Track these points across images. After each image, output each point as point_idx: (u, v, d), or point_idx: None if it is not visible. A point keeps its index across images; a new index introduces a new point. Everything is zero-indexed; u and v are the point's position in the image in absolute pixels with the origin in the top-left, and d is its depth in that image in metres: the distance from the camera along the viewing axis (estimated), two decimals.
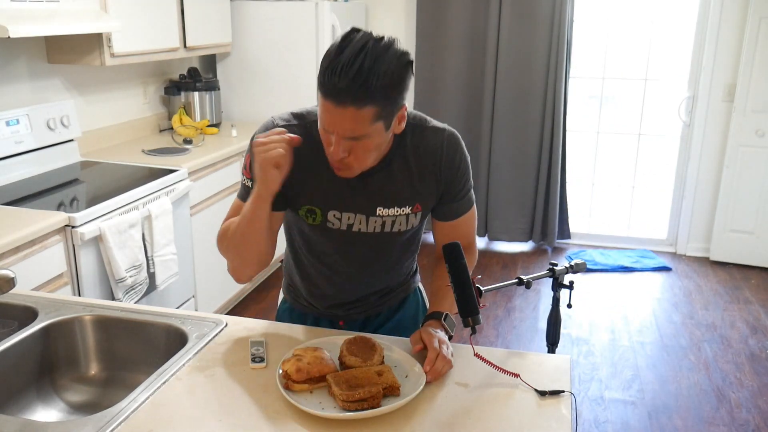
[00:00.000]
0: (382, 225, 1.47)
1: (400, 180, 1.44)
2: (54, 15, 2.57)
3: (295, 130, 1.39)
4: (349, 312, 1.64)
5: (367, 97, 1.20)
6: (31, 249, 2.22)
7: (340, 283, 1.58)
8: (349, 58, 1.19)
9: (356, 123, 1.24)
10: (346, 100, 1.20)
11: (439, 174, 1.45)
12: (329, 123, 1.26)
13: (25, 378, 1.47)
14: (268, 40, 4.15)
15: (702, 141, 4.61)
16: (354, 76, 1.18)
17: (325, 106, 1.24)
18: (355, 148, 1.29)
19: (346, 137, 1.27)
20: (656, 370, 3.29)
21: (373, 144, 1.30)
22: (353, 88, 1.19)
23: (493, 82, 4.65)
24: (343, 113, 1.22)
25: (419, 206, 1.47)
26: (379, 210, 1.45)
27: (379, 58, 1.20)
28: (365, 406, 1.20)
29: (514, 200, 4.86)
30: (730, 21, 4.36)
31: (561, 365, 1.40)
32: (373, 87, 1.19)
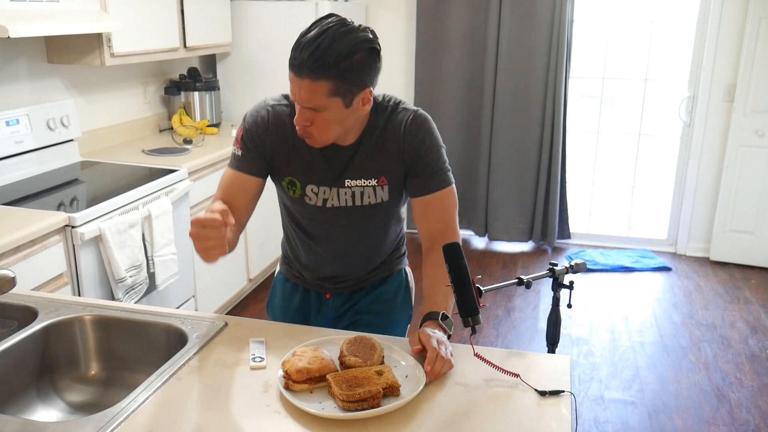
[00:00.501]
0: (353, 196, 1.58)
1: (367, 154, 1.56)
2: (54, 15, 2.57)
3: (282, 108, 1.58)
4: (335, 285, 1.75)
5: (320, 71, 1.36)
6: (31, 249, 2.22)
7: (323, 256, 1.70)
8: (312, 36, 1.37)
9: (311, 94, 1.39)
10: (303, 72, 1.37)
11: (401, 147, 1.55)
12: (291, 92, 1.44)
13: (25, 378, 1.47)
14: (268, 40, 4.15)
15: (702, 141, 4.61)
16: (312, 52, 1.35)
17: (290, 77, 1.42)
18: (315, 119, 1.44)
19: (305, 107, 1.42)
20: (656, 370, 3.29)
21: (332, 117, 1.44)
22: (309, 62, 1.36)
23: (493, 82, 4.65)
24: (301, 84, 1.39)
25: (384, 179, 1.58)
26: (348, 182, 1.57)
27: (338, 39, 1.37)
28: (365, 406, 1.20)
29: (514, 200, 4.86)
30: (730, 21, 4.36)
31: (561, 365, 1.40)
32: (327, 64, 1.35)
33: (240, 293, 3.84)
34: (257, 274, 3.99)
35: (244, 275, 3.84)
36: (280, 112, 1.58)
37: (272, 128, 1.57)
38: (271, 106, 1.59)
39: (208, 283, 3.39)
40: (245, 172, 1.58)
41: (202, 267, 3.32)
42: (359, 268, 1.73)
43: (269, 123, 1.57)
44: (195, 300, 3.26)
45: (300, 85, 1.39)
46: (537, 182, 4.81)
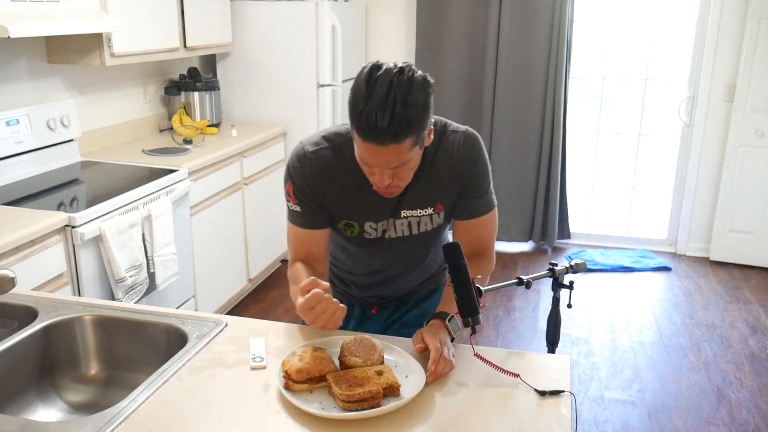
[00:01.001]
0: (409, 226, 1.57)
1: (423, 183, 1.52)
2: (54, 15, 2.57)
3: (325, 152, 1.50)
4: (382, 301, 1.76)
5: (404, 132, 1.30)
6: (31, 249, 2.22)
7: (375, 279, 1.69)
8: (381, 99, 1.27)
9: (398, 155, 1.33)
10: (386, 139, 1.29)
11: (455, 171, 1.53)
12: (372, 161, 1.36)
13: (25, 378, 1.47)
14: (268, 40, 4.15)
15: (702, 141, 4.61)
16: (391, 117, 1.27)
17: (366, 147, 1.33)
18: (398, 173, 1.39)
19: (389, 168, 1.37)
20: (656, 370, 3.29)
21: (414, 163, 1.41)
22: (392, 128, 1.28)
23: (493, 82, 4.65)
24: (386, 151, 1.32)
25: (441, 206, 1.56)
26: (404, 212, 1.55)
27: (408, 92, 1.29)
28: (365, 406, 1.20)
29: (514, 200, 4.86)
30: (730, 21, 4.36)
31: (561, 365, 1.40)
32: (408, 122, 1.29)
33: (240, 293, 3.84)
34: (257, 274, 3.99)
35: (244, 275, 3.84)
36: (323, 157, 1.51)
37: (321, 176, 1.51)
38: (312, 153, 1.51)
39: (208, 283, 3.39)
40: (312, 227, 1.55)
41: (202, 267, 3.32)
42: (410, 285, 1.74)
43: (316, 171, 1.51)
44: (195, 300, 3.26)
45: (385, 152, 1.32)
46: (537, 182, 4.81)
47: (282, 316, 3.74)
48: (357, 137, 1.34)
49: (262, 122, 4.23)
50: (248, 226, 3.80)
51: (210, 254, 3.41)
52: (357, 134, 1.33)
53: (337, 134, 1.53)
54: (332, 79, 4.16)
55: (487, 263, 1.64)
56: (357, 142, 1.36)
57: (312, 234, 1.55)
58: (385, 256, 1.64)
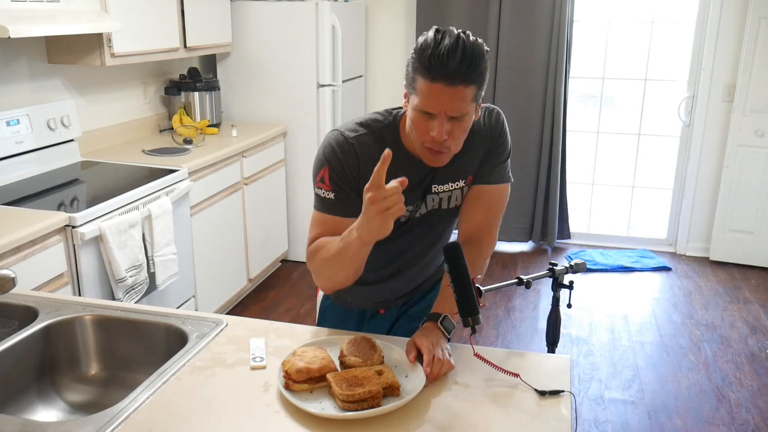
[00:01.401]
0: (440, 202, 1.57)
1: (455, 163, 1.52)
2: (54, 15, 2.57)
3: (365, 138, 1.50)
4: (391, 297, 1.73)
5: (473, 75, 1.33)
6: (32, 249, 2.22)
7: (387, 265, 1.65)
8: (451, 43, 1.31)
9: (463, 101, 1.34)
10: (456, 79, 1.31)
11: (481, 140, 1.55)
12: (437, 104, 1.34)
13: (25, 378, 1.47)
14: (268, 40, 4.15)
15: (702, 141, 4.61)
16: (461, 58, 1.30)
17: (433, 89, 1.33)
18: (454, 129, 1.38)
19: (451, 116, 1.36)
20: (656, 370, 3.29)
21: (468, 124, 1.41)
22: (463, 68, 1.31)
23: (493, 82, 4.65)
24: (454, 92, 1.32)
25: (470, 177, 1.58)
26: (435, 187, 1.55)
27: (475, 43, 1.34)
28: (365, 406, 1.20)
29: (514, 200, 4.86)
30: (730, 21, 4.36)
31: (561, 365, 1.40)
32: (477, 66, 1.33)
33: (240, 293, 3.84)
34: (257, 274, 3.99)
35: (244, 275, 3.84)
36: (365, 143, 1.49)
37: (363, 161, 1.47)
38: (354, 138, 1.48)
39: (208, 283, 3.40)
40: (346, 215, 1.47)
41: (202, 267, 3.32)
42: (420, 275, 1.72)
43: (359, 157, 1.47)
44: (195, 300, 3.26)
45: (452, 94, 1.32)
46: (537, 182, 4.81)
47: (282, 316, 3.75)
48: (423, 81, 1.33)
49: (262, 122, 4.23)
50: (248, 226, 3.80)
51: (210, 254, 3.41)
52: (424, 77, 1.33)
53: (374, 120, 1.52)
54: (332, 79, 4.16)
55: (487, 247, 1.62)
56: (421, 88, 1.34)
57: (344, 222, 1.46)
58: (409, 236, 1.60)
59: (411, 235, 1.61)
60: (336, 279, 1.48)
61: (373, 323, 1.77)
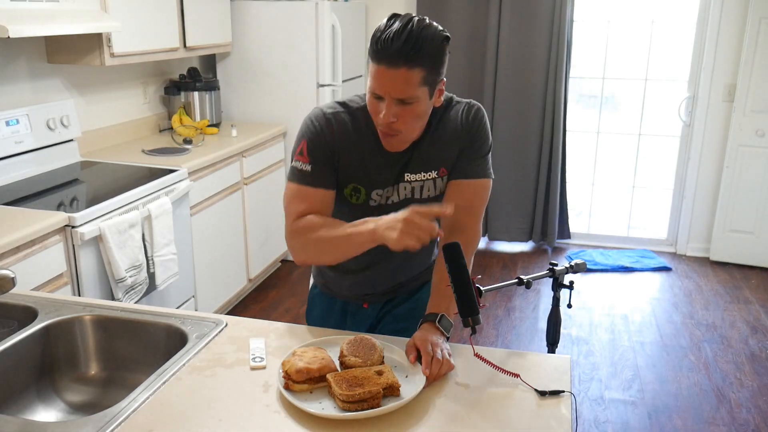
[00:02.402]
0: (412, 191, 1.57)
1: (426, 147, 1.55)
2: (54, 15, 2.57)
3: (342, 116, 1.53)
4: (375, 294, 1.73)
5: (417, 58, 1.34)
6: (31, 249, 2.22)
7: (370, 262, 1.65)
8: (399, 26, 1.36)
9: (407, 84, 1.36)
10: (399, 61, 1.34)
11: (458, 133, 1.56)
12: (381, 86, 1.38)
13: (25, 378, 1.47)
14: (268, 40, 4.15)
15: (702, 141, 4.61)
16: (405, 39, 1.33)
17: (378, 71, 1.37)
18: (403, 113, 1.41)
19: (397, 98, 1.38)
20: (656, 370, 3.29)
21: (420, 109, 1.42)
22: (405, 49, 1.33)
23: (493, 82, 4.65)
24: (396, 74, 1.35)
25: (444, 170, 1.58)
26: (407, 176, 1.56)
27: (425, 27, 1.37)
28: (365, 406, 1.20)
29: (514, 200, 4.86)
30: (730, 21, 4.36)
31: (561, 365, 1.40)
32: (422, 49, 1.34)
33: (240, 293, 3.84)
34: (257, 274, 3.99)
35: (244, 275, 3.84)
36: (342, 120, 1.52)
37: (339, 136, 1.51)
38: (332, 114, 1.53)
39: (208, 283, 3.39)
40: (321, 186, 1.50)
41: (202, 267, 3.32)
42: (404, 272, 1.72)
43: (335, 131, 1.51)
44: (195, 300, 3.26)
45: (395, 76, 1.35)
46: (537, 182, 4.81)
47: (282, 316, 3.74)
48: (372, 64, 1.38)
49: (262, 122, 4.22)
50: (248, 226, 3.80)
51: (210, 254, 3.41)
52: (372, 59, 1.38)
53: (351, 101, 1.57)
54: (332, 79, 4.16)
55: (472, 239, 1.61)
56: (371, 70, 1.39)
57: (320, 193, 1.50)
58: None
59: None
60: (323, 258, 1.54)
61: (357, 318, 1.77)
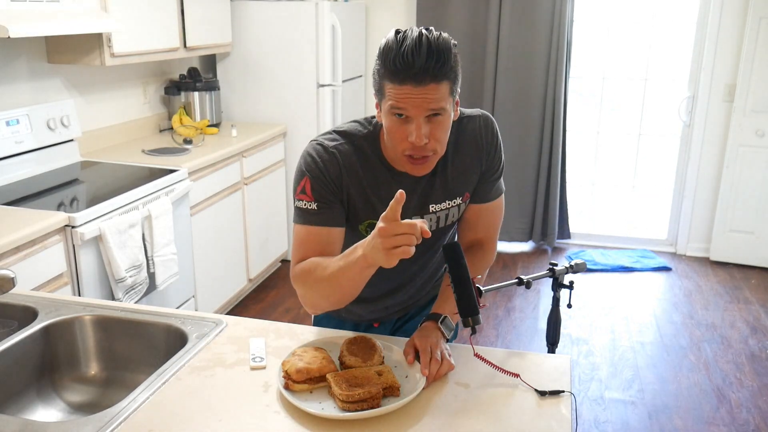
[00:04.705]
0: (437, 221, 1.52)
1: (449, 177, 1.49)
2: (54, 15, 2.57)
3: (346, 147, 1.44)
4: (386, 313, 1.70)
5: (443, 71, 1.28)
6: (31, 249, 2.22)
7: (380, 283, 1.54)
8: (415, 41, 1.26)
9: (437, 99, 1.29)
10: (425, 77, 1.26)
11: (480, 155, 1.51)
12: (410, 107, 1.29)
13: (25, 378, 1.47)
14: (268, 40, 4.15)
15: (702, 141, 4.61)
16: (428, 54, 1.26)
17: (403, 91, 1.28)
18: (433, 130, 1.32)
19: (427, 115, 1.30)
20: (656, 370, 3.29)
21: (448, 123, 1.35)
22: (430, 65, 1.26)
23: (493, 82, 4.65)
24: (425, 91, 1.27)
25: (468, 194, 1.54)
26: (432, 207, 1.50)
27: (439, 38, 1.29)
28: (365, 406, 1.20)
29: (514, 200, 4.86)
30: (730, 21, 4.36)
31: (561, 365, 1.40)
32: (446, 60, 1.27)
33: (240, 293, 3.84)
34: (257, 274, 3.99)
35: (244, 275, 3.84)
36: (346, 152, 1.43)
37: (345, 171, 1.42)
38: (334, 147, 1.42)
39: (208, 283, 3.39)
40: (329, 225, 1.41)
41: (202, 267, 3.32)
42: (419, 292, 1.68)
43: (341, 166, 1.42)
44: (195, 300, 3.26)
45: (424, 93, 1.27)
46: (537, 182, 4.81)
47: (282, 316, 3.74)
48: (392, 86, 1.29)
49: (262, 122, 4.22)
50: (248, 226, 3.80)
51: (210, 254, 3.41)
52: (391, 81, 1.28)
53: (354, 130, 1.47)
54: (332, 79, 4.16)
55: (489, 255, 1.60)
56: (391, 93, 1.29)
57: (330, 232, 1.41)
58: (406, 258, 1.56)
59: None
60: (332, 299, 1.40)
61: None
